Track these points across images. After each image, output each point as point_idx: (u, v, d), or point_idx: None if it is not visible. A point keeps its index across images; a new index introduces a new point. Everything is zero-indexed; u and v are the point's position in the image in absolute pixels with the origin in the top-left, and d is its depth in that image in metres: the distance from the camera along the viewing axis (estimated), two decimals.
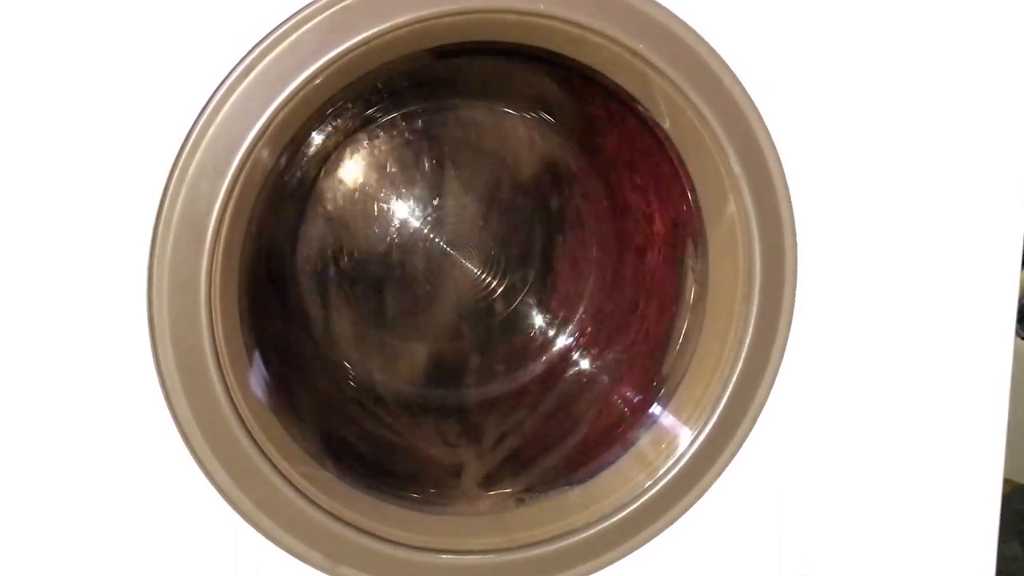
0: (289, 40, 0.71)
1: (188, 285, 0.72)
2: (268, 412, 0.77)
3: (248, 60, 0.71)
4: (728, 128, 0.79)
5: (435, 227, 0.97)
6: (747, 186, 0.81)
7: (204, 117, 0.71)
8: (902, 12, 0.83)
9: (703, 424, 0.85)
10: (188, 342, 0.72)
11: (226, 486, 0.75)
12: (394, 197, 0.97)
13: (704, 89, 0.78)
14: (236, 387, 0.74)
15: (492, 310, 1.01)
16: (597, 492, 0.85)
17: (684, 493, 0.85)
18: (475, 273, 0.99)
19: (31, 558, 0.75)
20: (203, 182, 0.71)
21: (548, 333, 1.02)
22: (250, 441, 0.75)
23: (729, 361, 0.84)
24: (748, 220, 0.82)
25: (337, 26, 0.72)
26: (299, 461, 0.78)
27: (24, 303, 0.71)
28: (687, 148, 0.83)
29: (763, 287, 0.83)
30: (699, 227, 0.86)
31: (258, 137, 0.72)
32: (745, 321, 0.84)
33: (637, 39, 0.76)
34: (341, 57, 0.72)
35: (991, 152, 0.87)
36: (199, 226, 0.71)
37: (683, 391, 0.88)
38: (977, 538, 0.94)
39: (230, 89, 0.71)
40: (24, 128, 0.69)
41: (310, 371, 0.95)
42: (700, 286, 0.88)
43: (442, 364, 1.00)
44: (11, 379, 0.72)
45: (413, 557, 0.80)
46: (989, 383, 0.92)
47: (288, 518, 0.77)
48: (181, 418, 0.73)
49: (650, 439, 0.87)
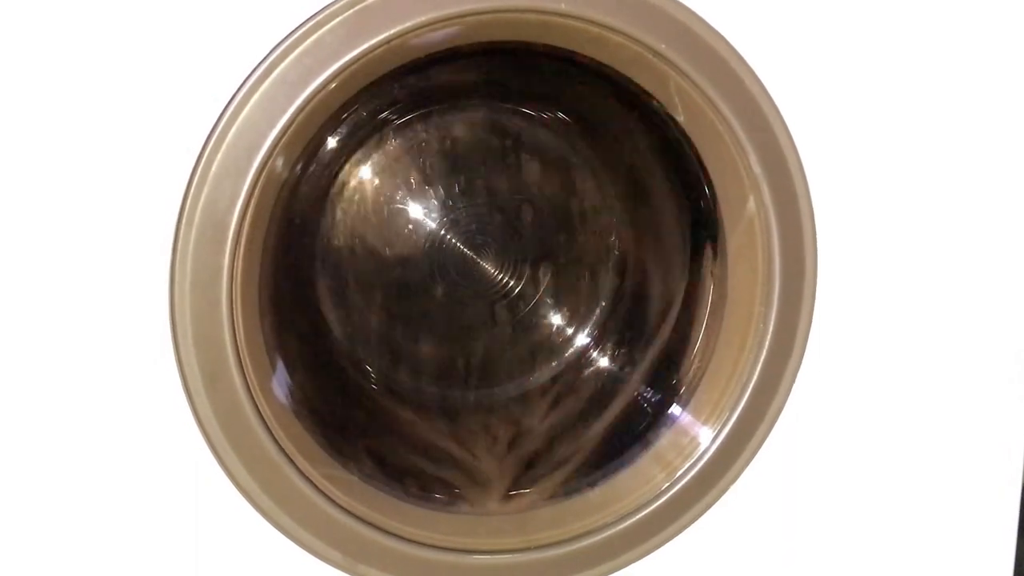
0: (309, 41, 0.72)
1: (209, 284, 0.72)
2: (289, 412, 0.78)
3: (269, 60, 0.71)
4: (748, 128, 0.79)
5: (452, 227, 0.98)
6: (767, 186, 0.81)
7: (225, 117, 0.71)
8: (926, 9, 0.82)
9: (722, 425, 0.85)
10: (209, 341, 0.72)
11: (246, 484, 0.76)
12: (410, 198, 0.97)
13: (725, 89, 0.78)
14: (257, 387, 0.74)
15: (510, 309, 1.01)
16: (616, 492, 0.85)
17: (703, 494, 0.85)
18: (492, 273, 0.99)
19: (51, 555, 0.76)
20: (225, 181, 0.71)
21: (566, 332, 1.02)
22: (271, 440, 0.75)
23: (748, 363, 0.84)
24: (768, 221, 0.82)
25: (356, 27, 0.72)
26: (320, 461, 0.78)
27: (50, 302, 0.72)
28: (706, 148, 0.83)
29: (782, 288, 0.83)
30: (718, 227, 0.86)
31: (278, 137, 0.72)
32: (764, 322, 0.84)
33: (659, 38, 0.76)
34: (360, 58, 0.73)
35: (1019, 152, 0.86)
36: (221, 225, 0.72)
37: (702, 392, 0.87)
38: (995, 540, 0.94)
39: (251, 89, 0.71)
40: (47, 128, 0.70)
41: (330, 372, 0.95)
42: (719, 287, 0.88)
43: (460, 364, 1.00)
44: (34, 377, 0.73)
45: (432, 556, 0.80)
46: (1010, 385, 0.91)
47: (308, 517, 0.77)
48: (202, 416, 0.74)
49: (669, 439, 0.87)
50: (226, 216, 0.72)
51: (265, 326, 0.77)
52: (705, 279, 0.90)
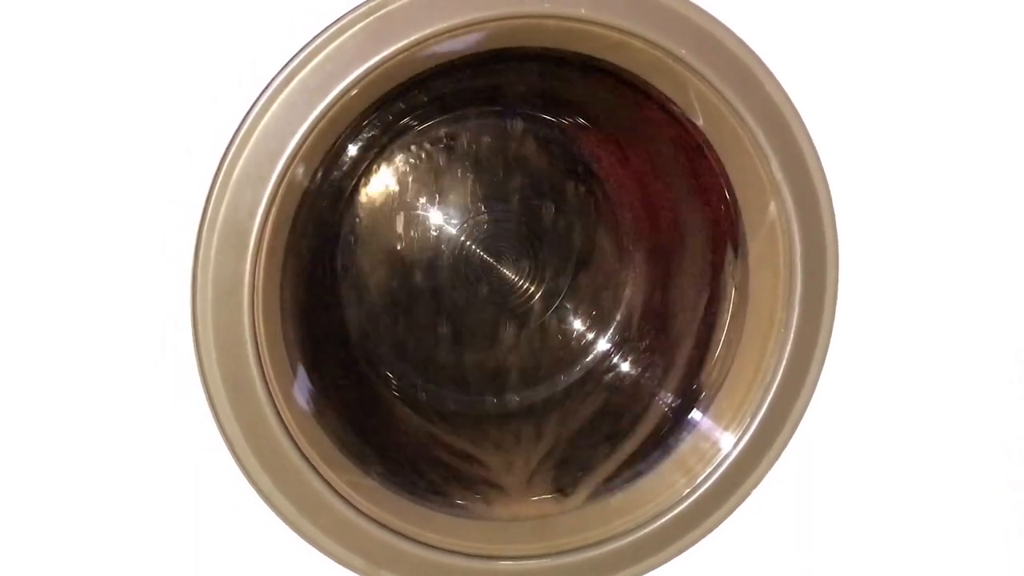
0: (331, 47, 0.72)
1: (231, 291, 0.72)
2: (310, 419, 0.78)
3: (291, 67, 0.71)
4: (770, 133, 0.79)
5: (472, 233, 0.98)
6: (789, 191, 0.80)
7: (247, 123, 0.71)
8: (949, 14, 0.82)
9: (744, 431, 0.84)
10: (231, 348, 0.73)
11: (268, 490, 0.76)
12: (430, 204, 0.97)
13: (746, 94, 0.78)
14: (279, 394, 0.74)
15: (530, 315, 1.01)
16: (638, 498, 0.85)
17: (724, 500, 0.84)
18: (512, 279, 0.99)
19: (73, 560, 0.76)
20: (246, 188, 0.72)
21: (586, 337, 1.02)
22: (293, 447, 0.75)
23: (770, 368, 0.84)
24: (789, 226, 0.81)
25: (378, 34, 0.72)
26: (341, 467, 0.78)
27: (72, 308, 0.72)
28: (727, 153, 0.83)
29: (804, 293, 0.83)
30: (739, 232, 0.86)
31: (300, 144, 0.72)
32: (786, 327, 0.83)
33: (679, 44, 0.76)
34: (381, 65, 0.73)
35: None
36: (242, 231, 0.72)
37: (723, 398, 0.87)
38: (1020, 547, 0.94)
39: (272, 95, 0.71)
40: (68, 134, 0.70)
41: (352, 378, 0.95)
42: (740, 292, 0.88)
43: (482, 370, 1.00)
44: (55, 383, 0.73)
45: (454, 562, 0.80)
46: None
47: (330, 523, 0.77)
48: (224, 422, 0.74)
49: (691, 445, 0.87)
50: (247, 222, 0.72)
51: (287, 333, 0.77)
52: (726, 284, 0.89)
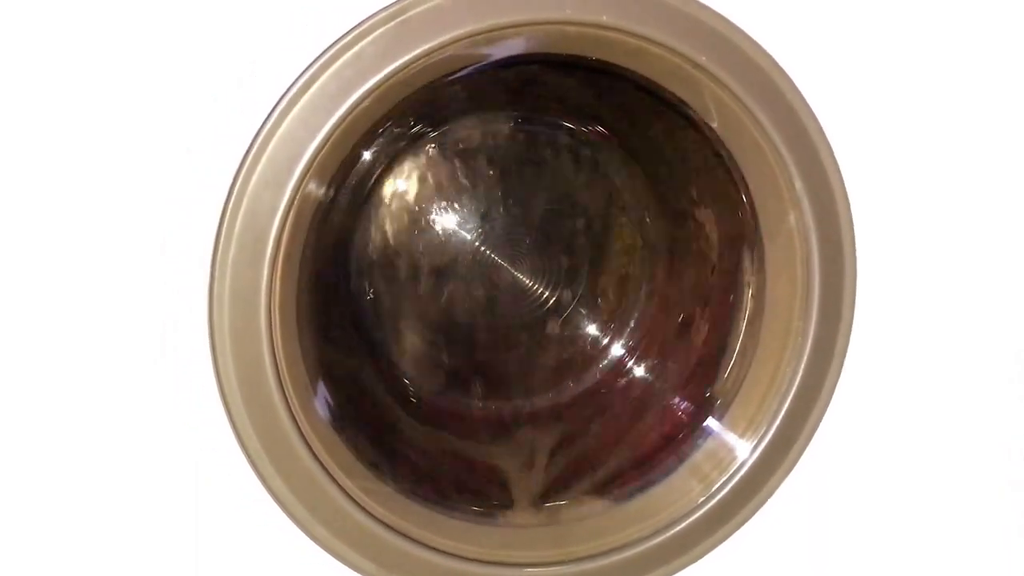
0: (350, 53, 0.72)
1: (249, 298, 0.72)
2: (326, 425, 0.78)
3: (310, 72, 0.71)
4: (789, 142, 0.79)
5: (488, 239, 0.97)
6: (808, 201, 0.80)
7: (265, 129, 0.71)
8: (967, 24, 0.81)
9: (759, 438, 0.84)
10: (248, 355, 0.73)
11: (282, 495, 0.76)
12: (447, 210, 0.97)
13: (766, 102, 0.78)
14: (295, 400, 0.74)
15: (544, 321, 1.01)
16: (653, 505, 0.85)
17: (740, 507, 0.84)
18: (528, 284, 0.99)
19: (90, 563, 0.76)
20: (264, 194, 0.71)
21: (601, 344, 1.02)
22: (308, 453, 0.75)
23: (786, 377, 0.84)
24: (808, 235, 0.81)
25: (397, 40, 0.72)
26: (356, 474, 0.78)
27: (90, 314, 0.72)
28: (746, 162, 0.82)
29: (821, 303, 0.82)
30: (756, 241, 0.86)
31: (318, 150, 0.72)
32: (803, 336, 0.83)
33: (699, 51, 0.76)
34: (400, 71, 0.72)
35: None
36: (260, 238, 0.72)
37: (738, 406, 0.87)
38: None
39: (291, 101, 0.71)
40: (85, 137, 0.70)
41: (367, 384, 0.95)
42: (756, 300, 0.88)
43: (496, 376, 1.00)
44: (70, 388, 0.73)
45: (468, 569, 0.80)
46: None
47: (343, 528, 0.77)
48: (240, 428, 0.74)
49: (706, 452, 0.86)
50: (265, 229, 0.72)
51: (303, 339, 0.77)
52: (743, 291, 0.89)
